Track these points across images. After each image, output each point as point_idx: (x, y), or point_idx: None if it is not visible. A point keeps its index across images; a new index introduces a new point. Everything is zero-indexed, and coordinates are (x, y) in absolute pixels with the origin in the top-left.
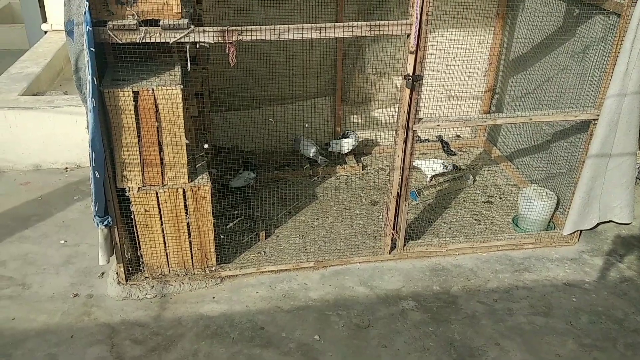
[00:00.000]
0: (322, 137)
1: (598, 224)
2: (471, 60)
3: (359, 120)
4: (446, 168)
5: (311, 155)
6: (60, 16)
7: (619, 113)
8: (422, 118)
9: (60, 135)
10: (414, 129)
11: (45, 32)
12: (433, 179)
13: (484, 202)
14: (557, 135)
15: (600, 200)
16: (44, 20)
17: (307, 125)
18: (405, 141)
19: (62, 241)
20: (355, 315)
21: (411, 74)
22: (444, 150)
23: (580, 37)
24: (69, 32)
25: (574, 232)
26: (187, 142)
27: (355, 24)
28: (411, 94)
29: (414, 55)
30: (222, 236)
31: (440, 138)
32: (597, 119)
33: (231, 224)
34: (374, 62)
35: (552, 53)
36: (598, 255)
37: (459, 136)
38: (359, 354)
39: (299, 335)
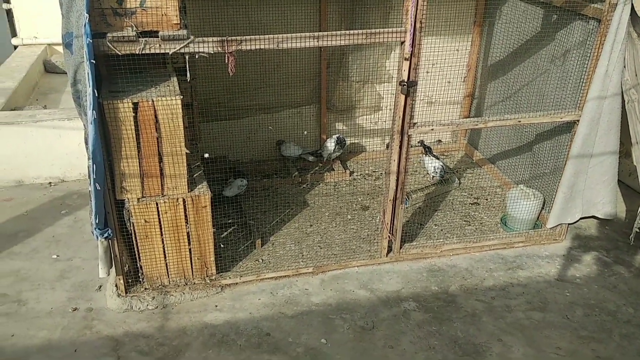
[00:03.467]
0: (308, 144)
1: (581, 219)
2: (450, 66)
3: (344, 127)
4: (444, 168)
5: (299, 154)
6: (30, 30)
7: (599, 113)
8: (417, 123)
9: (43, 149)
10: (409, 133)
11: (16, 47)
12: (434, 177)
13: (471, 204)
14: (540, 136)
15: (583, 195)
16: (14, 34)
17: (305, 132)
18: (401, 146)
19: (54, 256)
20: (359, 318)
21: (406, 80)
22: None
23: (559, 42)
24: (67, 45)
25: (557, 225)
26: (188, 151)
27: (352, 32)
28: (406, 99)
29: (408, 62)
30: (222, 245)
31: (422, 143)
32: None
33: (225, 233)
34: (357, 70)
35: (531, 58)
36: (586, 252)
37: (440, 141)
38: (367, 356)
39: (306, 340)
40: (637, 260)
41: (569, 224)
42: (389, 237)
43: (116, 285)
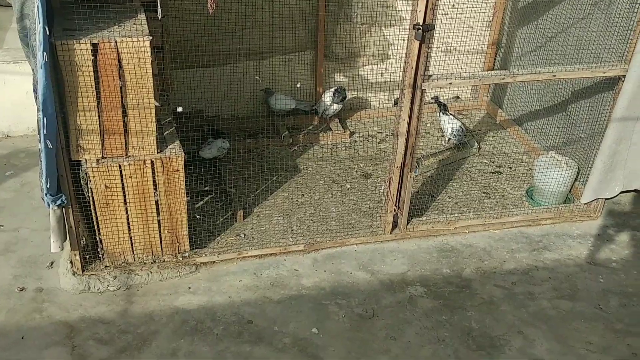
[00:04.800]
0: (302, 98)
1: (621, 193)
2: (473, 8)
3: (344, 79)
4: (464, 131)
5: (292, 108)
6: None
7: None
8: (432, 75)
9: None
10: (422, 87)
11: None
12: (450, 140)
13: (492, 173)
14: (576, 95)
15: (626, 165)
16: None
17: (298, 85)
18: (412, 102)
19: None
20: (357, 304)
21: (421, 23)
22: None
23: None
24: None
25: (593, 200)
26: (157, 104)
27: None
28: (420, 46)
29: (425, 1)
30: (197, 216)
31: (436, 99)
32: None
33: (201, 202)
34: (361, 10)
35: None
36: (624, 231)
37: (458, 97)
38: (366, 348)
39: (294, 329)
40: None
41: (606, 198)
42: (394, 210)
43: (71, 262)
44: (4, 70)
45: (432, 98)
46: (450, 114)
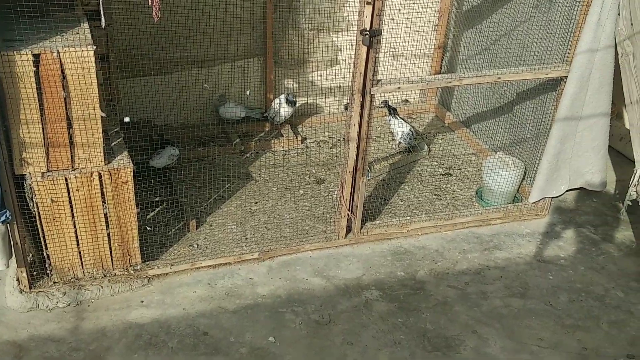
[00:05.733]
0: (252, 104)
1: (567, 191)
2: (419, 12)
3: (295, 85)
4: (414, 134)
5: (242, 115)
6: None
7: (590, 69)
8: (381, 80)
9: None
10: (372, 92)
11: None
12: (401, 144)
13: (443, 175)
14: (522, 96)
15: (570, 164)
16: None
17: (248, 92)
18: (362, 107)
19: None
20: (314, 311)
21: (368, 29)
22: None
23: None
24: None
25: (541, 199)
26: (104, 115)
27: None
28: (368, 51)
29: (371, 6)
30: (148, 228)
31: (386, 103)
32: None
33: (152, 213)
34: (309, 15)
35: (511, 2)
36: (571, 228)
37: (406, 101)
38: (323, 354)
39: (251, 339)
40: (628, 238)
41: (553, 197)
42: (348, 215)
43: (18, 280)
44: None
45: (381, 102)
46: (400, 118)
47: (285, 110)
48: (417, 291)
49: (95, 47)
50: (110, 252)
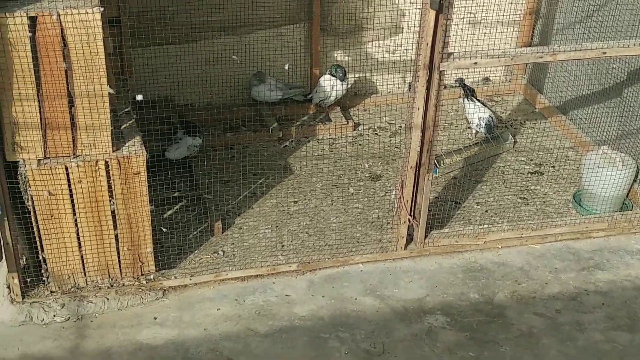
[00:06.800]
0: (293, 81)
1: None
2: None
3: (346, 58)
4: (495, 121)
5: (279, 97)
6: None
7: None
8: (453, 53)
9: None
10: (441, 68)
11: None
12: (478, 133)
13: (531, 174)
14: (634, 76)
15: None
16: None
17: (286, 67)
18: (429, 87)
19: None
20: (364, 338)
21: None
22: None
23: None
24: None
25: None
26: (112, 91)
27: None
28: (437, 17)
29: None
30: (164, 230)
31: (461, 82)
32: None
33: (170, 212)
34: None
35: None
36: None
37: (487, 79)
38: None
39: None
40: None
41: None
42: (409, 220)
43: (8, 287)
44: None
45: (455, 81)
46: (478, 101)
47: (335, 89)
48: (495, 319)
49: (103, 9)
50: (118, 257)
